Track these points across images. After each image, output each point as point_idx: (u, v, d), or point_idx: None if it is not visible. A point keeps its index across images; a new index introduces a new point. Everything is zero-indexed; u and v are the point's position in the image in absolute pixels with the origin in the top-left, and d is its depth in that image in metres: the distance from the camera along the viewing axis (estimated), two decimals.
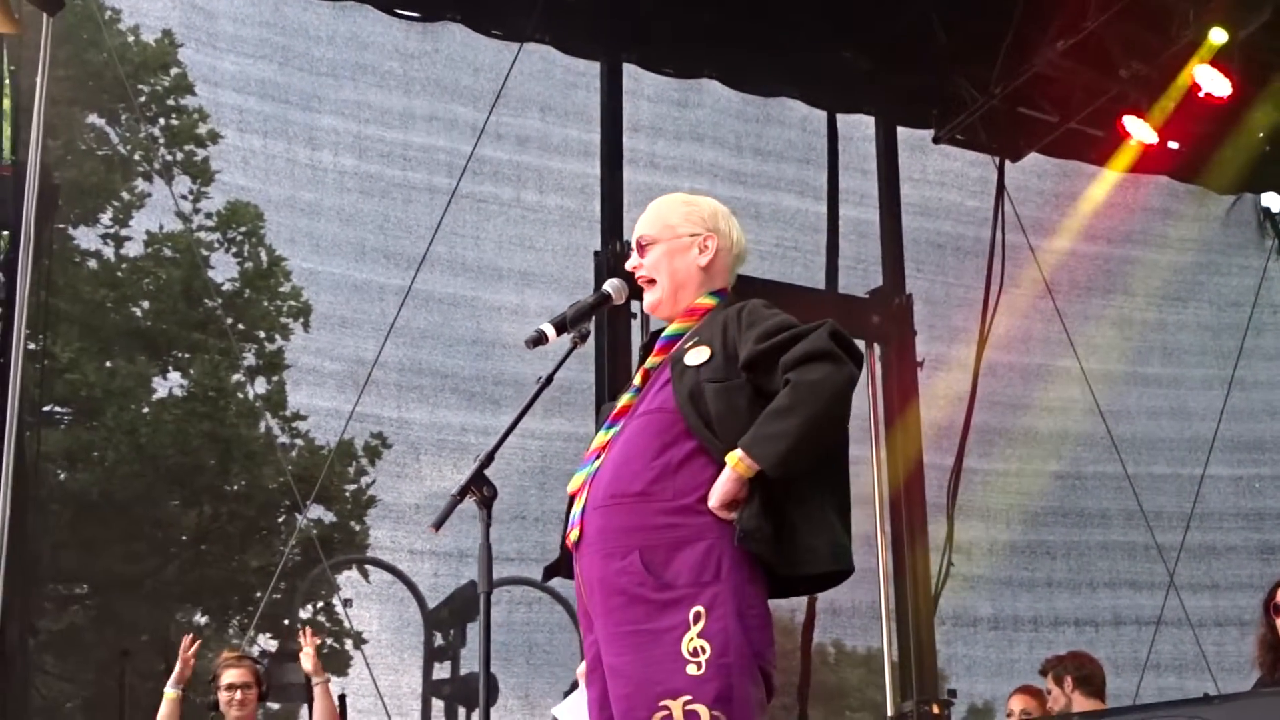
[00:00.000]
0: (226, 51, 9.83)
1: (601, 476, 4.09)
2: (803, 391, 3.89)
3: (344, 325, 9.85)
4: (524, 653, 9.83)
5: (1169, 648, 11.26)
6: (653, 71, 10.47)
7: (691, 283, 4.30)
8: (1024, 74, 10.13)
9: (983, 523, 11.21)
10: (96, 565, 10.69)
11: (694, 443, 4.00)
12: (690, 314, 4.27)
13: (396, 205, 9.92)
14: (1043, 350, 11.34)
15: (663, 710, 3.83)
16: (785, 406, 3.88)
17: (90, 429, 11.42)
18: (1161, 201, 12.00)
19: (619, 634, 3.94)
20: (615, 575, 3.97)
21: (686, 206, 4.40)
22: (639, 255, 4.33)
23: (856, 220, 10.74)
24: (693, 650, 3.83)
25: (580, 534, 4.10)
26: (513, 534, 8.12)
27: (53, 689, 10.34)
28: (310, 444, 11.29)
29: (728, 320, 4.13)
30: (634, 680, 3.88)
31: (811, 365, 3.92)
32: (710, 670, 3.82)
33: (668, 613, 3.88)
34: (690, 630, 3.85)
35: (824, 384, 3.92)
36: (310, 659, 7.43)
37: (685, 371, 4.07)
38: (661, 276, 4.30)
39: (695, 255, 4.31)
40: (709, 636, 3.84)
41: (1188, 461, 11.70)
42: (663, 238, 4.32)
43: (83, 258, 11.41)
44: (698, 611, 3.86)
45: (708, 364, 4.06)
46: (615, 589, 3.97)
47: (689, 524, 3.95)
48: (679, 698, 3.82)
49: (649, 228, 4.35)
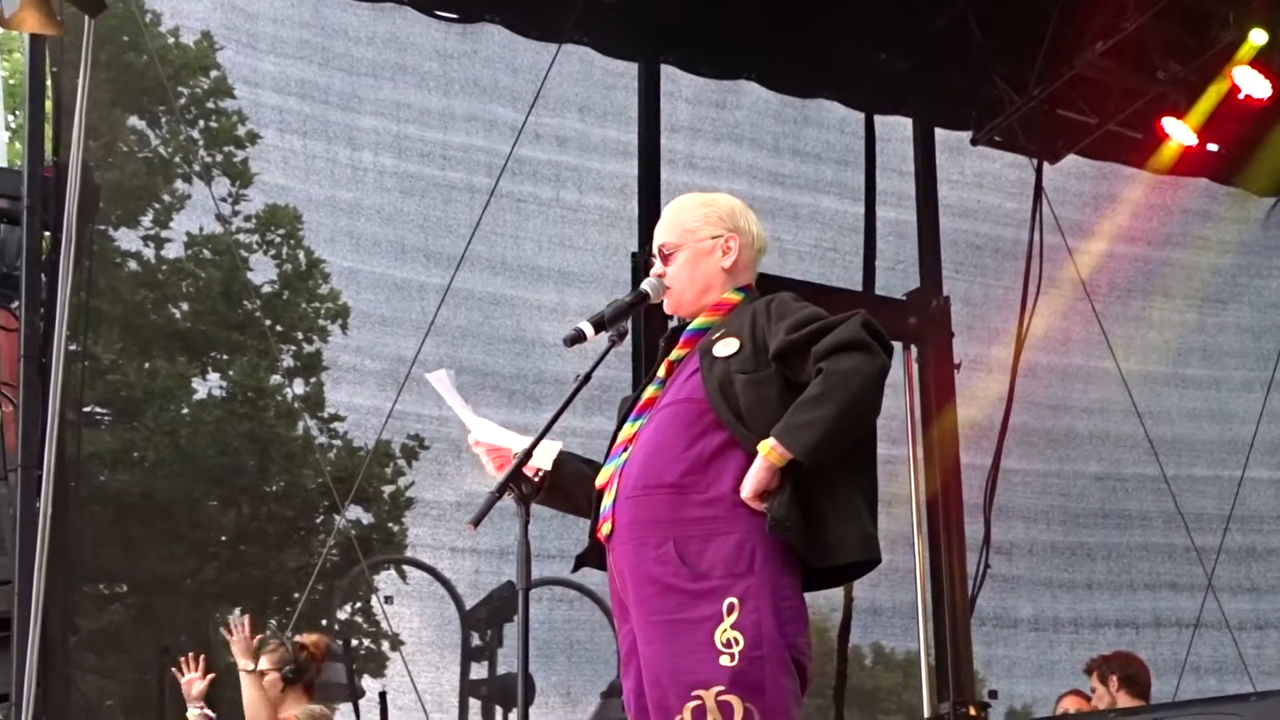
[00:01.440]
0: (266, 52, 9.87)
1: (631, 468, 4.11)
2: (835, 380, 3.90)
3: (384, 324, 9.90)
4: (565, 650, 9.86)
5: (1208, 650, 11.22)
6: (690, 73, 10.48)
7: (716, 284, 4.32)
8: (1063, 75, 10.08)
9: (1023, 523, 11.18)
10: (137, 565, 10.73)
11: (725, 434, 4.01)
12: (716, 309, 4.29)
13: (436, 204, 9.96)
14: (1082, 351, 11.31)
15: (695, 700, 3.85)
16: (817, 395, 3.89)
17: (131, 429, 11.47)
18: (1200, 203, 11.94)
19: (652, 623, 3.97)
20: (649, 564, 3.99)
21: (704, 208, 4.40)
22: (662, 263, 4.33)
23: (895, 221, 10.74)
24: (726, 641, 3.86)
25: (612, 526, 4.11)
26: (554, 531, 8.11)
27: (92, 687, 10.36)
28: (348, 444, 11.32)
29: (756, 312, 4.15)
30: (667, 670, 3.91)
31: (844, 354, 3.93)
32: (743, 662, 3.84)
33: (701, 603, 3.90)
34: (724, 621, 3.87)
35: (856, 373, 3.93)
36: (237, 645, 7.36)
37: (715, 363, 4.09)
38: (685, 284, 4.31)
39: (719, 258, 4.32)
40: (742, 628, 3.86)
41: (1228, 464, 11.65)
42: (684, 243, 4.33)
43: (123, 259, 11.46)
44: (731, 603, 3.88)
45: (737, 355, 4.08)
46: (649, 578, 3.99)
47: (722, 515, 3.98)
48: (711, 688, 3.84)
49: (669, 234, 4.35)
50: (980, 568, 10.24)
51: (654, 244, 4.39)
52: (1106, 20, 9.70)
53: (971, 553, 10.18)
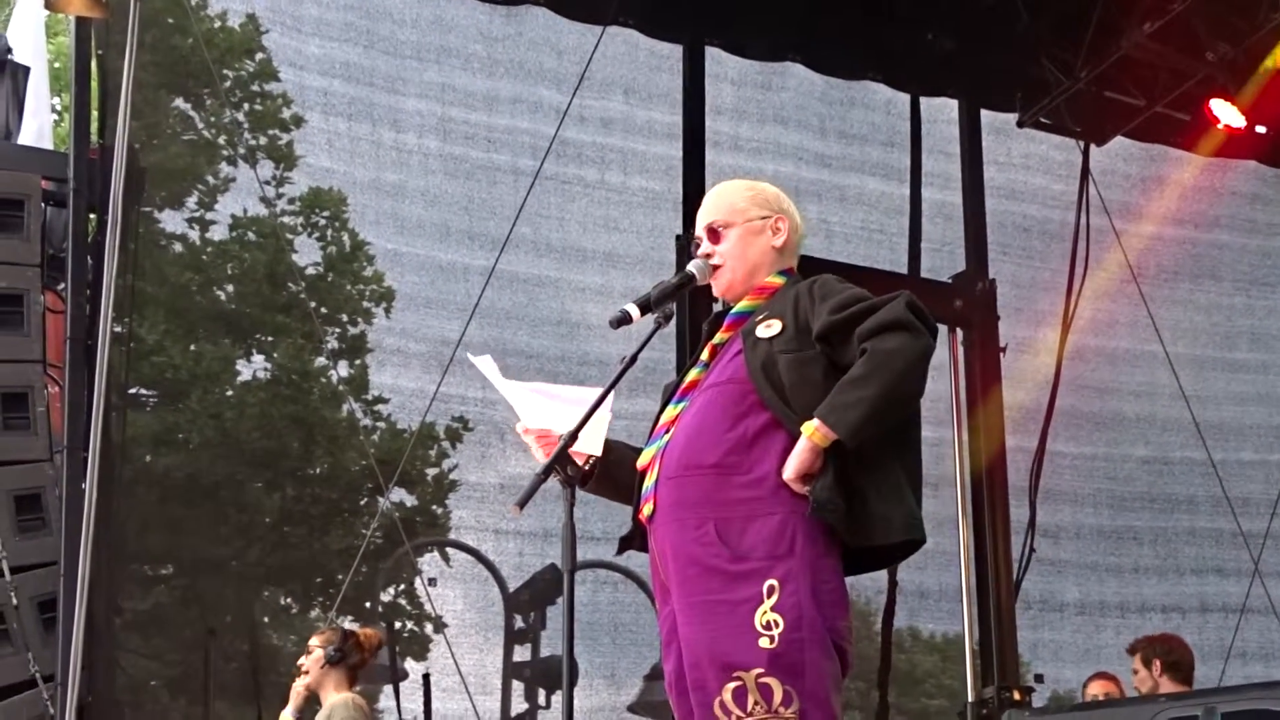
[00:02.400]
0: (311, 35, 9.90)
1: (673, 449, 4.12)
2: (879, 359, 3.90)
3: (429, 306, 9.92)
4: (609, 632, 9.87)
5: (1255, 635, 11.16)
6: (735, 55, 10.45)
7: (765, 264, 4.33)
8: (1110, 57, 10.03)
9: (1070, 507, 11.15)
10: (182, 546, 10.76)
11: (767, 415, 4.02)
12: (760, 292, 4.30)
13: (481, 187, 9.97)
14: (1129, 334, 11.26)
15: (736, 681, 3.87)
16: (861, 375, 3.89)
17: (176, 411, 11.51)
18: (1249, 186, 11.87)
19: (693, 604, 3.97)
20: (690, 545, 4.00)
21: (750, 191, 4.43)
22: (711, 242, 4.33)
23: (941, 204, 10.70)
24: (766, 624, 3.86)
25: (654, 508, 4.11)
26: (598, 514, 8.10)
27: (138, 668, 10.41)
28: (392, 427, 11.33)
29: (799, 294, 4.15)
30: (707, 650, 3.92)
31: (888, 335, 3.93)
32: (783, 644, 3.85)
33: (741, 584, 3.91)
34: (764, 603, 3.88)
35: (900, 353, 3.93)
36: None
37: (758, 344, 4.10)
38: (736, 261, 4.31)
39: (769, 237, 4.34)
40: (782, 610, 3.87)
41: (1276, 448, 11.59)
42: (735, 221, 4.33)
43: (168, 241, 11.49)
44: (771, 585, 3.89)
45: (780, 336, 4.09)
46: (690, 559, 3.99)
47: (763, 497, 3.98)
48: (751, 670, 3.85)
49: (718, 214, 4.36)
50: (1025, 551, 10.21)
51: (699, 225, 4.39)
52: (1154, 1, 9.63)
53: (1017, 536, 10.14)
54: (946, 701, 14.51)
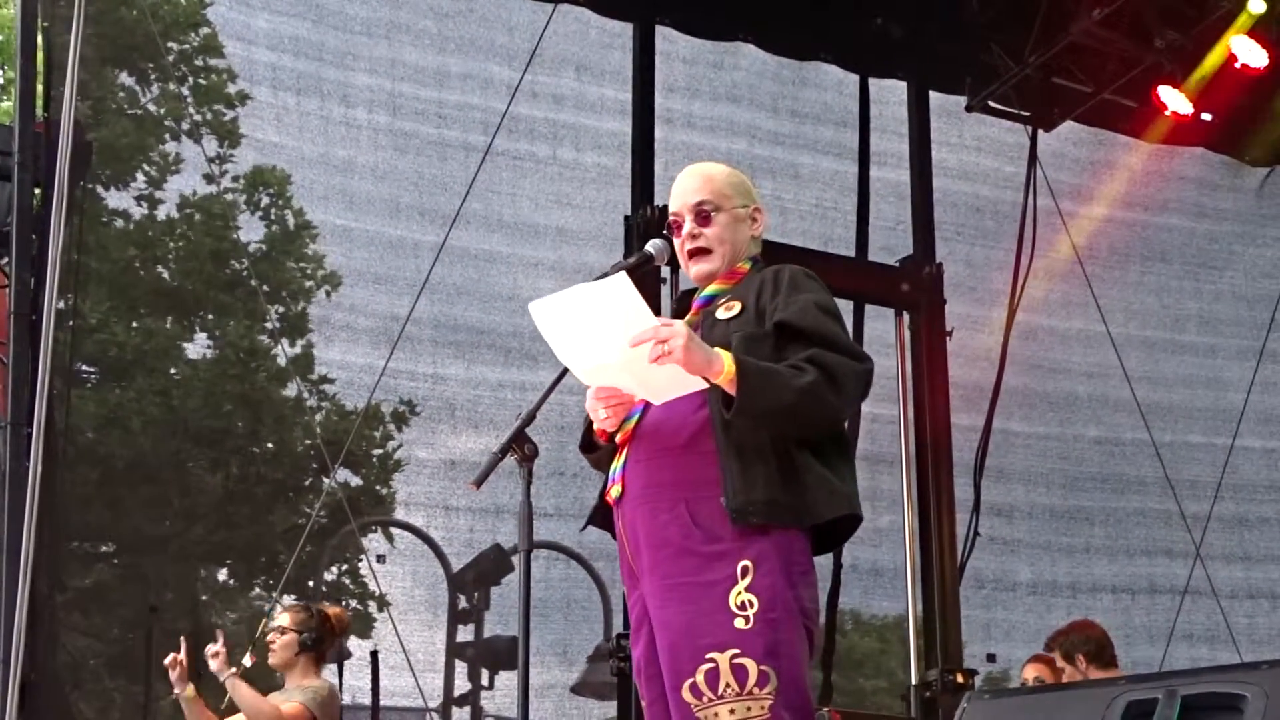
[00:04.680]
0: (260, 9, 9.86)
1: (642, 431, 4.10)
2: (819, 391, 3.89)
3: (378, 282, 9.89)
4: (562, 609, 9.87)
5: (1202, 618, 11.24)
6: (686, 34, 10.43)
7: (742, 253, 4.32)
8: (1059, 43, 10.06)
9: (1023, 486, 11.21)
10: (124, 524, 10.70)
11: None
12: (729, 277, 4.28)
13: (431, 162, 9.94)
14: (1082, 315, 11.32)
15: (709, 663, 3.86)
16: (798, 378, 3.88)
17: (120, 389, 11.43)
18: (1197, 171, 11.97)
19: (666, 586, 3.97)
20: (662, 527, 3.99)
21: (733, 177, 4.41)
22: (699, 223, 4.28)
23: (896, 183, 10.72)
24: (740, 604, 3.86)
25: (622, 489, 4.10)
26: (551, 490, 8.14)
27: (78, 645, 10.36)
28: (339, 407, 11.28)
29: (764, 280, 4.15)
30: (681, 632, 3.91)
31: (835, 384, 3.92)
32: (758, 624, 3.85)
33: (715, 565, 3.90)
34: (738, 584, 3.88)
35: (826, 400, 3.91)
36: (216, 660, 7.15)
37: (715, 324, 4.11)
38: (724, 246, 4.29)
39: (749, 226, 4.34)
40: (757, 591, 3.87)
41: (1221, 431, 11.68)
42: (726, 207, 4.30)
43: (110, 217, 11.40)
44: (745, 565, 3.89)
45: (738, 317, 4.09)
46: (663, 541, 3.99)
47: None
48: (726, 650, 3.85)
49: (710, 194, 4.31)
50: (970, 533, 10.24)
51: (681, 203, 4.33)
52: None
53: (964, 519, 10.18)
54: (885, 682, 14.57)
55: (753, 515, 3.89)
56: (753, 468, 3.92)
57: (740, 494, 3.90)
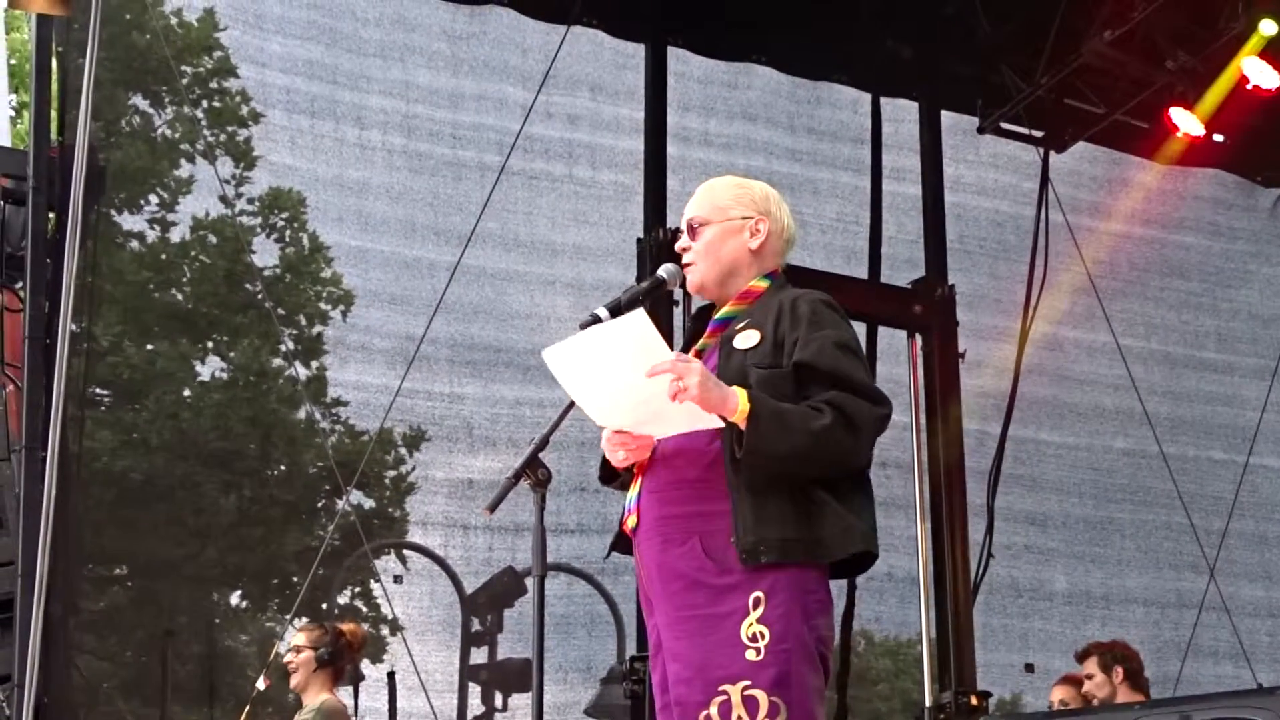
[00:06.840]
0: (273, 33, 9.89)
1: (657, 461, 4.09)
2: (834, 435, 3.87)
3: (394, 303, 9.92)
4: (585, 625, 9.86)
5: (1227, 635, 11.20)
6: (699, 54, 10.46)
7: (741, 266, 4.26)
8: (1070, 64, 10.07)
9: (1057, 496, 11.22)
10: (137, 547, 10.70)
11: None
12: (743, 297, 4.24)
13: (446, 183, 9.98)
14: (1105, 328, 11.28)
15: (721, 695, 3.83)
16: (814, 421, 3.86)
17: (133, 411, 11.44)
18: (1212, 190, 11.99)
19: (679, 618, 3.95)
20: (675, 560, 3.97)
21: (738, 189, 4.35)
22: (689, 237, 4.29)
23: (915, 197, 10.70)
24: (752, 635, 3.84)
25: (638, 520, 4.09)
26: (573, 506, 8.13)
27: (92, 668, 10.35)
28: (350, 429, 11.28)
29: (782, 306, 4.09)
30: (693, 665, 3.89)
31: (851, 428, 3.89)
32: (769, 656, 3.83)
33: (727, 598, 3.88)
34: (750, 615, 3.85)
35: (842, 444, 3.89)
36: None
37: (733, 354, 4.06)
38: (709, 259, 4.25)
39: (746, 238, 4.27)
40: (768, 622, 3.85)
41: (1242, 450, 11.69)
42: (714, 219, 4.28)
43: (124, 239, 11.42)
44: (757, 597, 3.87)
45: (756, 349, 4.04)
46: (675, 573, 3.97)
47: None
48: (737, 683, 3.83)
49: (700, 209, 4.30)
50: (983, 556, 10.22)
51: (684, 217, 4.35)
52: (1115, 9, 9.68)
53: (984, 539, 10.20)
54: (899, 702, 14.55)
55: (764, 554, 3.88)
56: (766, 505, 3.90)
57: (751, 533, 3.89)
